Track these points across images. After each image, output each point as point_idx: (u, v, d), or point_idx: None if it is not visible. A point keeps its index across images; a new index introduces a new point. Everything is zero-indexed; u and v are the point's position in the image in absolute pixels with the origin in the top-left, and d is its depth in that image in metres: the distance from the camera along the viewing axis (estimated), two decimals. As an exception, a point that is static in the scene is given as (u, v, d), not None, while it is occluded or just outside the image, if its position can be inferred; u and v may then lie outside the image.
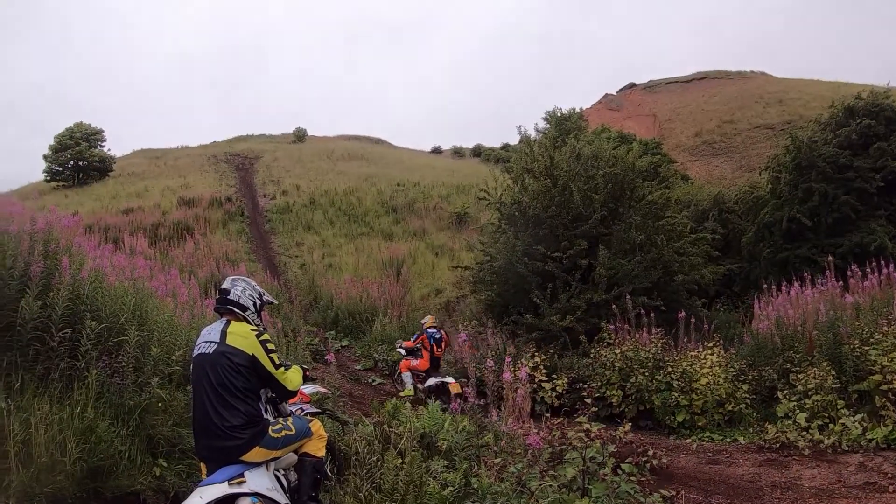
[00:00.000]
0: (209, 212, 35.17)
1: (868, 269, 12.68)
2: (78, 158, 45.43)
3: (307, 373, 5.70)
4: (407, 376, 13.60)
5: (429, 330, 13.50)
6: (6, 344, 6.61)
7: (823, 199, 18.67)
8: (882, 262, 12.82)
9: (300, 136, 72.92)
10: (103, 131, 48.02)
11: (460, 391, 11.19)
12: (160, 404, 7.23)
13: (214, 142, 69.98)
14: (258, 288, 5.34)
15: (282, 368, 4.97)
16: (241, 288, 5.15)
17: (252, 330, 4.95)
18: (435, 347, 13.27)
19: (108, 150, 48.68)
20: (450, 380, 12.64)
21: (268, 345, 4.90)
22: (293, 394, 5.18)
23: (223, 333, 4.87)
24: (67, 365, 6.81)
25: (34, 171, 49.44)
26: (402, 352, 14.13)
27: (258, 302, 5.25)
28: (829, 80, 54.58)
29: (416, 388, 13.37)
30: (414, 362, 13.59)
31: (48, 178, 46.05)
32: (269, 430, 4.86)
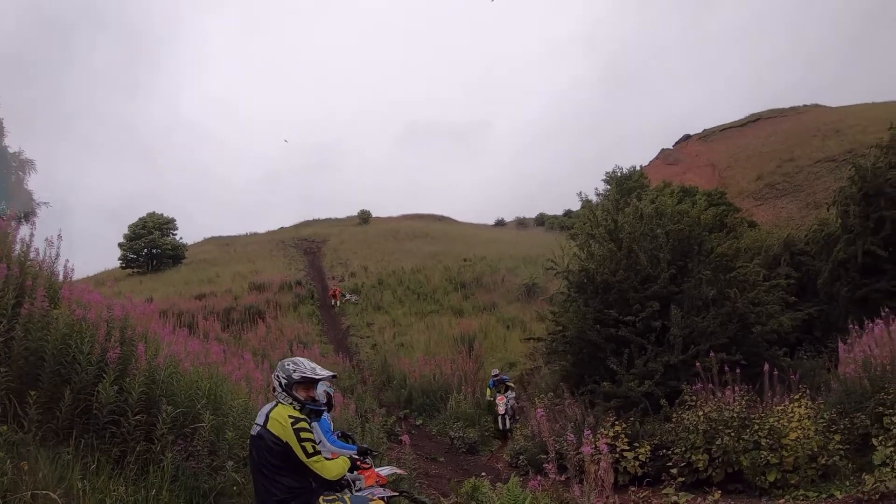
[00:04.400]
0: (280, 295, 35.86)
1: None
2: (151, 246, 47.94)
3: (359, 462, 5.71)
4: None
5: None
6: (83, 426, 6.82)
7: (896, 227, 18.09)
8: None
9: (365, 218, 74.37)
10: (175, 220, 50.59)
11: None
12: (235, 487, 7.39)
13: (282, 228, 71.98)
14: (289, 367, 5.36)
15: (316, 456, 5.05)
16: (275, 372, 5.32)
17: (290, 416, 5.07)
18: None
19: (180, 238, 51.37)
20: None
21: (301, 433, 5.01)
22: (333, 482, 5.22)
23: (266, 416, 5.09)
24: (143, 448, 7.01)
25: (110, 258, 51.67)
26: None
27: (284, 381, 5.30)
28: (884, 102, 53.74)
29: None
30: None
31: (123, 265, 48.38)
32: (321, 500, 5.08)
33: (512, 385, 19.91)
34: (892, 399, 10.74)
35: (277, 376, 5.33)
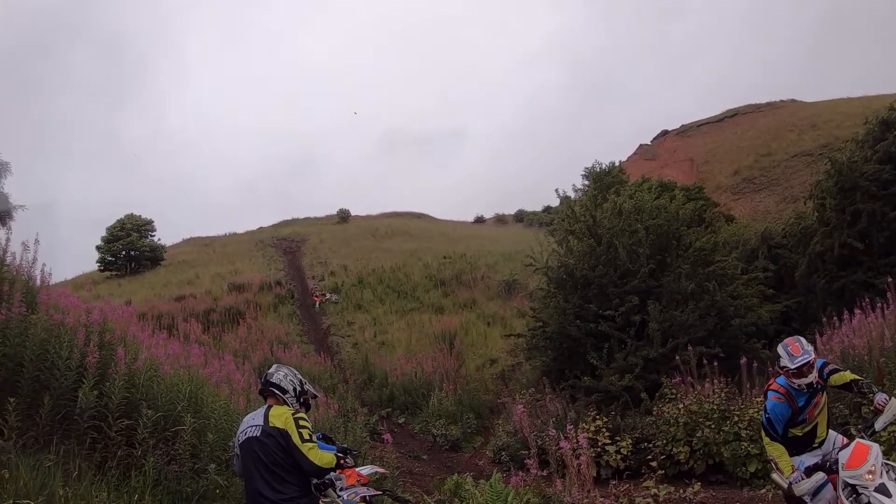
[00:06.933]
0: (259, 296, 35.34)
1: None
2: (130, 248, 46.79)
3: (342, 461, 5.78)
4: None
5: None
6: (64, 433, 6.75)
7: (872, 220, 18.20)
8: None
9: (344, 216, 73.72)
10: (153, 221, 49.74)
11: None
12: (218, 490, 7.35)
13: (261, 227, 70.92)
14: (301, 377, 5.59)
15: (311, 443, 5.12)
16: (283, 373, 5.43)
17: (289, 409, 5.26)
18: None
19: (158, 239, 50.36)
20: None
21: (300, 421, 5.15)
22: (321, 471, 5.23)
23: (266, 416, 5.18)
24: (125, 453, 6.96)
25: (88, 261, 51.32)
26: None
27: (298, 388, 5.49)
28: (859, 96, 53.97)
29: None
30: None
31: (101, 268, 47.36)
32: (321, 502, 5.25)
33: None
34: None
35: (292, 381, 5.46)
